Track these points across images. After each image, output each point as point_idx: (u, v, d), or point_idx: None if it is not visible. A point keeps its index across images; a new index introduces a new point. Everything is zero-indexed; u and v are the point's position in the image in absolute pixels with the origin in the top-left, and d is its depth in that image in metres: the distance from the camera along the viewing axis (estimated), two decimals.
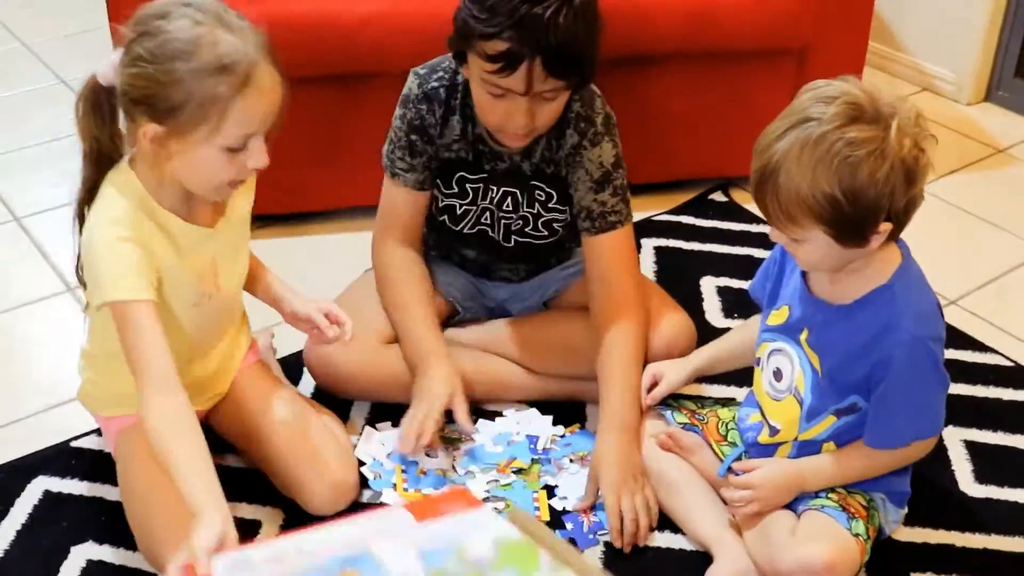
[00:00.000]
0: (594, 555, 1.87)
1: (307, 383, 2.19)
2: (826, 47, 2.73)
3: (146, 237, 1.67)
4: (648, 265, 2.61)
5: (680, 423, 1.96)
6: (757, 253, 2.63)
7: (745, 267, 2.59)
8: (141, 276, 1.64)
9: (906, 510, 1.88)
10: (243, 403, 1.96)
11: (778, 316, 1.80)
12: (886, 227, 1.59)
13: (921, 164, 1.57)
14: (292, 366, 2.23)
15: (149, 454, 1.64)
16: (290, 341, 2.26)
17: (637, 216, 2.75)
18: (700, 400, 2.07)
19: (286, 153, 2.58)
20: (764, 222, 2.60)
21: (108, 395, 1.88)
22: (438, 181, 2.09)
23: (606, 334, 2.02)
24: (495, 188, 2.08)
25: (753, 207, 2.81)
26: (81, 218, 1.75)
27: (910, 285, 1.68)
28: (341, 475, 1.91)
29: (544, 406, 2.14)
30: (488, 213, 2.11)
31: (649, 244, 2.69)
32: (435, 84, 2.01)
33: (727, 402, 2.06)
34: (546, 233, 2.13)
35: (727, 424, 1.94)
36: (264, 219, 2.70)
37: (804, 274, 1.77)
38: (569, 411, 2.15)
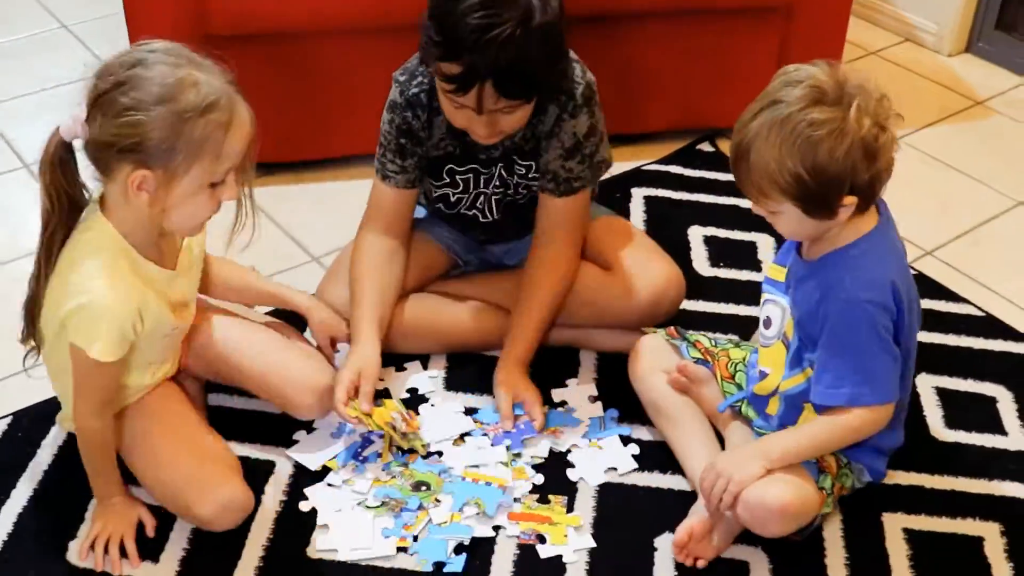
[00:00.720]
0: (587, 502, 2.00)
1: None
2: None
3: (141, 296, 1.75)
4: (637, 214, 2.72)
5: (693, 357, 2.09)
6: (744, 203, 2.72)
7: (732, 217, 2.70)
8: (124, 341, 1.75)
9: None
10: (211, 345, 2.07)
11: (778, 272, 1.92)
12: (851, 200, 1.71)
13: (881, 142, 1.68)
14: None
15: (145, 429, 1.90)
16: (300, 287, 2.36)
17: (627, 166, 2.88)
18: (714, 338, 2.16)
19: (289, 101, 2.70)
20: None
21: None
22: (430, 175, 2.18)
23: (535, 281, 2.16)
24: (484, 173, 2.17)
25: None
26: (40, 270, 1.80)
27: (868, 252, 1.78)
28: (319, 379, 2.05)
29: (539, 355, 2.24)
30: (481, 196, 2.20)
31: (639, 194, 2.79)
32: (416, 90, 2.08)
33: (740, 342, 2.17)
34: (525, 193, 2.22)
35: (736, 364, 2.06)
36: (269, 167, 2.79)
37: None
38: (564, 359, 2.27)
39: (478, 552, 1.89)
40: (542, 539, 1.91)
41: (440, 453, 2.05)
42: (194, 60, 1.68)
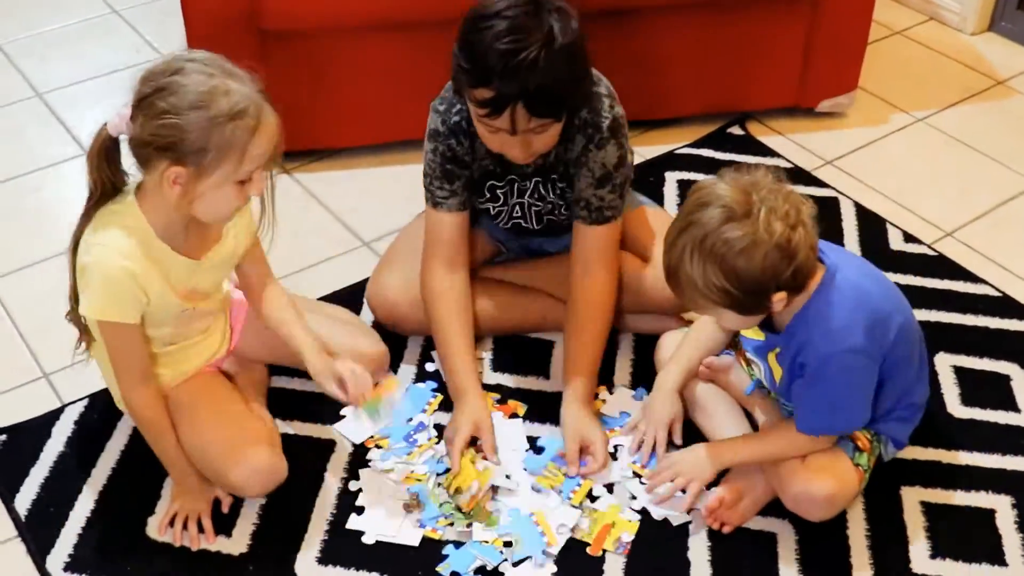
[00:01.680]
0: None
1: (366, 315, 2.45)
2: None
3: (141, 269, 1.90)
4: (671, 198, 2.84)
5: None
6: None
7: None
8: (131, 305, 1.92)
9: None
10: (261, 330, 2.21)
11: (755, 332, 2.05)
12: (780, 296, 1.84)
13: (795, 242, 1.80)
14: (353, 296, 2.50)
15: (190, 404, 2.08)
16: (351, 272, 2.50)
17: (660, 150, 3.01)
18: None
19: (338, 90, 2.83)
20: (779, 155, 2.86)
21: None
22: (473, 193, 2.29)
23: (577, 315, 2.26)
24: (522, 187, 2.28)
25: (769, 140, 3.05)
26: (75, 243, 1.95)
27: (827, 303, 1.90)
28: (377, 349, 2.28)
29: None
30: (519, 207, 2.32)
31: (672, 177, 2.92)
32: (456, 118, 2.19)
33: None
34: (567, 215, 2.33)
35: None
36: (319, 153, 2.92)
37: None
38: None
39: None
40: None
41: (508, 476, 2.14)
42: (228, 70, 1.85)
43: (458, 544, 2.01)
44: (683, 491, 2.05)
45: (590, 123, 2.16)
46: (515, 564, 1.99)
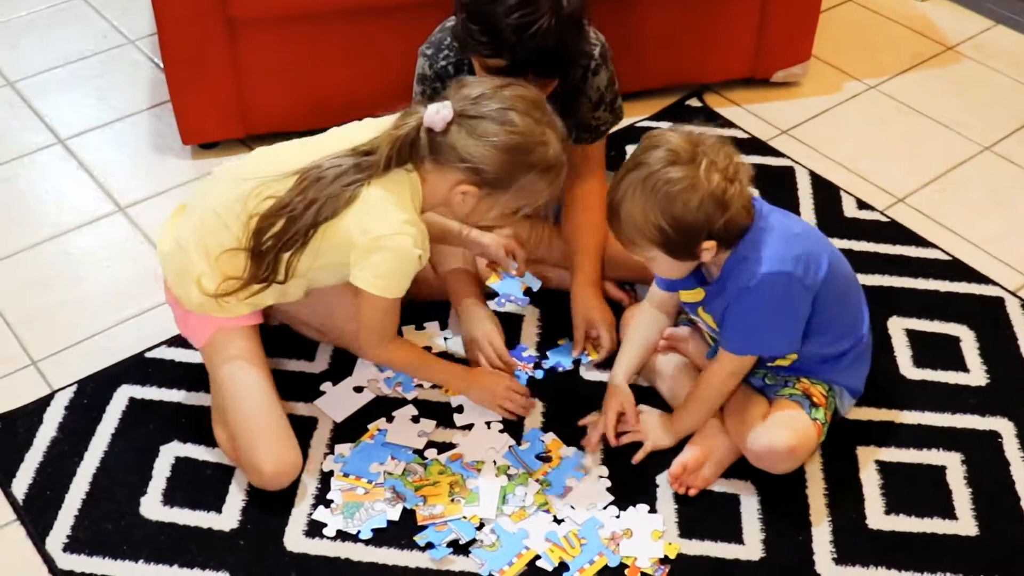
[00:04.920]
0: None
1: None
2: None
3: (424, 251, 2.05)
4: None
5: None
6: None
7: None
8: (407, 284, 2.08)
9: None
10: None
11: (690, 295, 2.17)
12: (710, 244, 1.98)
13: (730, 194, 1.95)
14: None
15: (247, 355, 2.14)
16: None
17: (621, 124, 3.07)
18: None
19: (307, 75, 2.89)
20: (736, 126, 2.95)
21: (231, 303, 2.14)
22: None
23: (582, 210, 2.43)
24: None
25: (726, 111, 3.14)
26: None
27: (753, 242, 2.01)
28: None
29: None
30: None
31: (632, 150, 2.98)
32: (443, 63, 2.31)
33: None
34: None
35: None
36: (284, 136, 2.97)
37: None
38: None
39: None
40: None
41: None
42: (549, 119, 2.03)
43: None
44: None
45: (583, 52, 2.30)
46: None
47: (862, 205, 2.82)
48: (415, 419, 2.28)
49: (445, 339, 2.45)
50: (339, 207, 1.99)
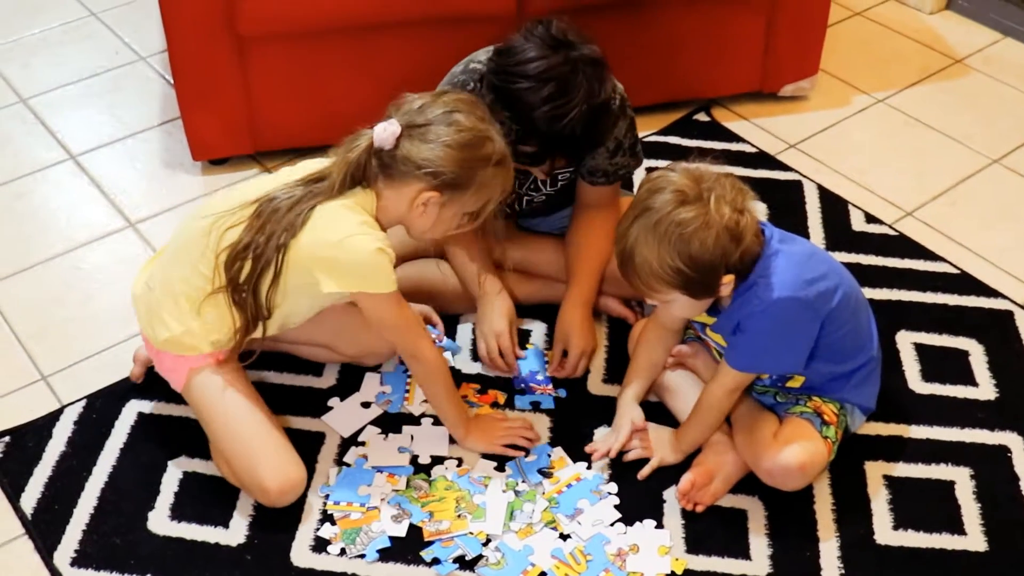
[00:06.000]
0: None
1: None
2: None
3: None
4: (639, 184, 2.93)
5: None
6: (738, 171, 2.90)
7: None
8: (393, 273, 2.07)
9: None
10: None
11: (703, 317, 2.17)
12: (729, 278, 1.98)
13: (742, 225, 1.95)
14: None
15: (227, 384, 2.12)
16: None
17: None
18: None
19: (315, 91, 2.90)
20: (744, 140, 2.96)
21: (197, 341, 2.15)
22: None
23: (589, 234, 2.41)
24: (521, 181, 2.38)
25: (733, 125, 3.15)
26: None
27: (765, 273, 2.01)
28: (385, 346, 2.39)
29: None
30: (516, 198, 2.44)
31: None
32: None
33: None
34: (555, 189, 2.44)
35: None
36: (293, 153, 2.99)
37: None
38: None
39: None
40: None
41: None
42: (488, 117, 2.05)
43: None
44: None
45: (612, 136, 2.29)
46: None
47: (870, 219, 2.81)
48: (384, 434, 2.29)
49: (453, 355, 2.46)
50: (296, 229, 2.02)
